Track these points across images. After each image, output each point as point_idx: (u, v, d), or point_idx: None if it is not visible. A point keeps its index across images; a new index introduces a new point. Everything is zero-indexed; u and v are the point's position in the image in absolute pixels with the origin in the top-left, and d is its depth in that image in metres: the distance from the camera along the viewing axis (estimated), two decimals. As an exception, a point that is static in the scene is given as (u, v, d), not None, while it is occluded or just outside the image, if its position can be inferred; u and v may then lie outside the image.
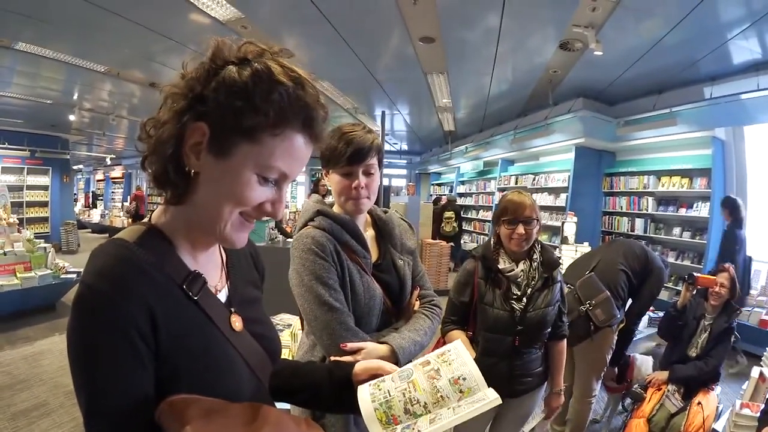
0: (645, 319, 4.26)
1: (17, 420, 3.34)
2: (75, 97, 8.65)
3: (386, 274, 1.58)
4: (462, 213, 11.29)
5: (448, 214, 10.40)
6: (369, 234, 1.63)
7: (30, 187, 11.24)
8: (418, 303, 1.61)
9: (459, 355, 1.03)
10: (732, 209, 5.52)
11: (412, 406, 0.94)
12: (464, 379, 0.97)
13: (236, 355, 0.84)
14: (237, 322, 0.86)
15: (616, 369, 3.24)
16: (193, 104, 0.73)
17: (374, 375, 1.02)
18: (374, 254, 1.60)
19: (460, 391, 0.95)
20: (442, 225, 10.36)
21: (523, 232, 1.99)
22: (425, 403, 0.94)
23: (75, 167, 19.62)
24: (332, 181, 1.51)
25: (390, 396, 0.95)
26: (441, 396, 0.95)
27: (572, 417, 3.12)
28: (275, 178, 0.77)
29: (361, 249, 1.50)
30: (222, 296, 0.88)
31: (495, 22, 4.82)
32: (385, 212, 1.69)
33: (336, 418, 1.41)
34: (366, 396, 0.97)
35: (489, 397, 0.90)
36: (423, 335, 1.49)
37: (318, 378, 1.04)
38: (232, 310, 0.87)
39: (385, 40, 5.63)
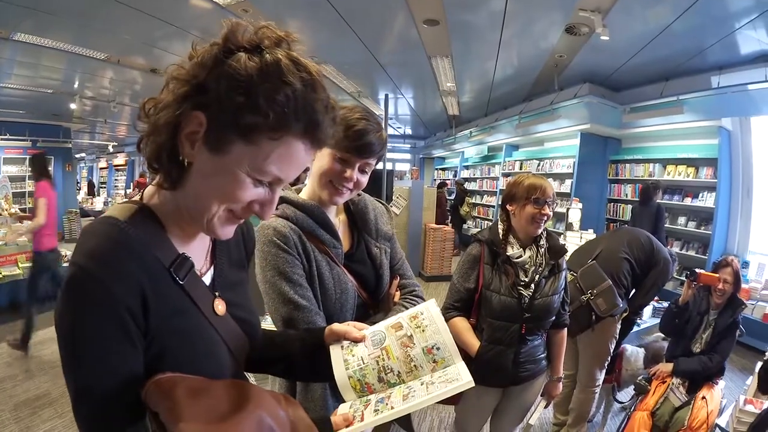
0: (649, 310, 4.22)
1: (20, 410, 3.36)
2: (76, 85, 8.61)
3: (360, 265, 1.44)
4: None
5: (470, 199, 11.18)
6: (340, 220, 1.48)
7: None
8: (398, 294, 1.48)
9: (432, 320, 1.04)
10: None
11: (386, 374, 0.97)
12: (438, 348, 0.99)
13: (218, 338, 0.85)
14: (220, 306, 0.87)
15: None
16: (194, 92, 0.70)
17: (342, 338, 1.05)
18: (346, 243, 1.44)
19: (434, 361, 0.98)
20: (463, 206, 10.82)
21: (550, 212, 1.99)
22: (399, 372, 0.97)
23: (77, 156, 19.61)
24: (320, 156, 1.31)
25: (364, 363, 0.98)
26: (414, 365, 0.97)
27: (575, 406, 3.11)
28: (268, 181, 0.75)
29: (330, 238, 1.35)
30: (207, 278, 0.88)
31: (500, 5, 4.77)
32: (359, 195, 1.50)
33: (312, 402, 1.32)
34: (339, 361, 1.00)
35: (462, 379, 0.91)
36: None
37: (292, 347, 1.06)
38: (216, 294, 0.87)
39: (389, 22, 5.57)
